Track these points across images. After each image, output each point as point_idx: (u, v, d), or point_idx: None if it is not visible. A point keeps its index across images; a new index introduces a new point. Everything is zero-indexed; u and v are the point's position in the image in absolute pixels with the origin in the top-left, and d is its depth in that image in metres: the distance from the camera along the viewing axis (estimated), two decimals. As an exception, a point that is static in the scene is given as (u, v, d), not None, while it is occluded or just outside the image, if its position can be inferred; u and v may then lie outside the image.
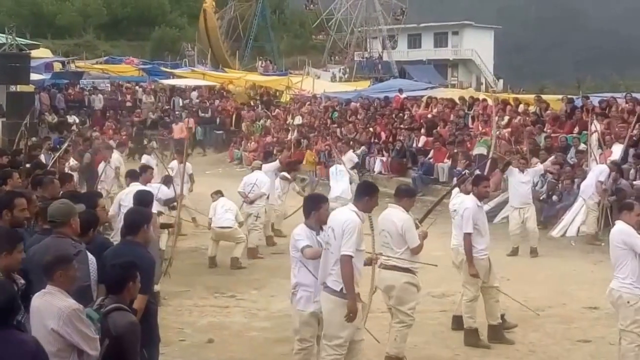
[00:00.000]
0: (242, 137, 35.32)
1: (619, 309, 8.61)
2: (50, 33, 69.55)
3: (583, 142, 20.27)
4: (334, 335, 7.83)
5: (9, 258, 6.06)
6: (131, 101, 41.41)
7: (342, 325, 7.77)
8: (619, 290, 8.51)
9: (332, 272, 7.80)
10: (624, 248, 8.45)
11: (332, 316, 7.82)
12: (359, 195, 8.14)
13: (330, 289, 7.83)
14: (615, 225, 8.81)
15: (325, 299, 7.90)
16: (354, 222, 7.75)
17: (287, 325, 11.28)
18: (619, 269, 8.54)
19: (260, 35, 76.62)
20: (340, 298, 7.74)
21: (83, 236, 7.25)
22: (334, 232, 7.79)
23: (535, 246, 16.38)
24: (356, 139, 28.04)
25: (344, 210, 8.03)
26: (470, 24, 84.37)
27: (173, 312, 11.86)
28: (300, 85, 41.62)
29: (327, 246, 7.89)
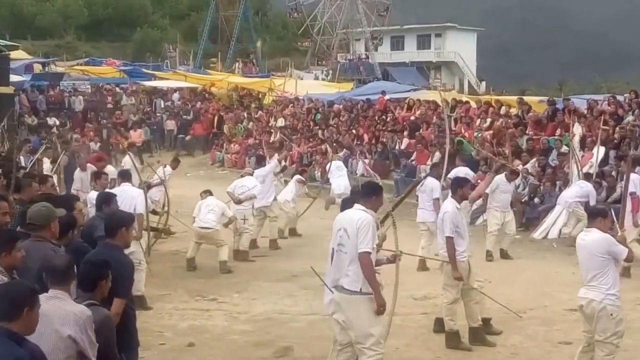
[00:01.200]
0: (225, 140, 35.22)
1: (598, 321, 8.33)
2: (30, 34, 69.10)
3: (565, 144, 20.30)
4: (367, 334, 7.77)
5: (9, 257, 6.11)
6: (112, 103, 41.15)
7: (371, 322, 7.76)
8: (602, 302, 8.27)
9: (348, 274, 7.78)
10: (606, 257, 8.28)
11: (358, 316, 7.78)
12: (366, 195, 8.14)
13: (348, 290, 7.79)
14: (589, 233, 8.53)
15: (346, 302, 7.83)
16: (368, 219, 7.80)
17: (269, 328, 11.25)
18: (599, 279, 8.29)
19: (243, 37, 76.48)
20: (362, 296, 7.74)
21: (61, 239, 7.20)
22: (347, 232, 7.79)
23: (506, 249, 16.23)
24: (339, 141, 28.05)
25: (353, 210, 8.01)
26: (454, 26, 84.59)
27: (153, 316, 11.77)
28: (282, 87, 41.58)
29: (339, 247, 7.88)
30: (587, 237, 8.52)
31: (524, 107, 24.60)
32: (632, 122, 20.25)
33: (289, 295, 13.01)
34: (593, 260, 8.34)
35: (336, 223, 8.08)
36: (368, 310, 7.78)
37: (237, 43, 74.36)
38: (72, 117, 38.49)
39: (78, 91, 42.06)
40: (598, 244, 8.33)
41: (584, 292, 8.46)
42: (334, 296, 8.04)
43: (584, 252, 8.48)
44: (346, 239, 7.80)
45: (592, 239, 8.41)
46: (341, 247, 7.85)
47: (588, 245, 8.42)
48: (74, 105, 39.97)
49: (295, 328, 11.21)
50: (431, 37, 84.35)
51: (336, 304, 7.98)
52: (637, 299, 12.95)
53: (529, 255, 16.64)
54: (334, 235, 8.04)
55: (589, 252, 8.38)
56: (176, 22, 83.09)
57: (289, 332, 11.08)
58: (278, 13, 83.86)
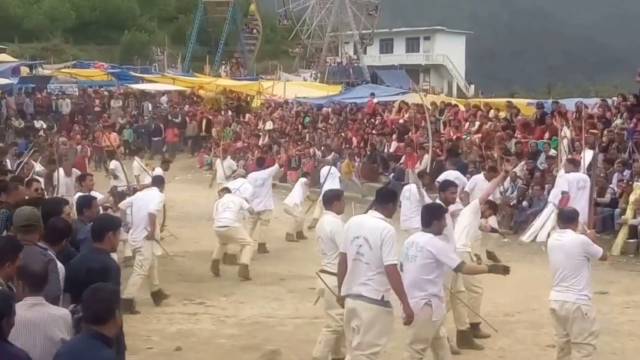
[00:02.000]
0: (213, 143, 35.13)
1: (574, 322, 8.28)
2: (17, 36, 68.74)
3: (553, 147, 20.32)
4: (372, 343, 7.73)
5: (12, 267, 5.99)
6: (100, 106, 41.05)
7: (381, 334, 7.73)
8: (576, 303, 8.22)
9: (368, 283, 7.69)
10: (582, 258, 8.26)
11: (372, 325, 7.71)
12: (383, 201, 8.05)
13: (367, 298, 7.70)
14: (565, 234, 8.46)
15: (362, 309, 7.74)
16: (392, 230, 7.74)
17: (256, 332, 11.21)
18: (572, 280, 8.25)
19: (231, 40, 76.35)
20: (382, 306, 7.69)
21: (55, 245, 7.10)
22: (368, 243, 7.68)
23: (492, 251, 16.16)
24: (328, 144, 28.02)
25: (372, 218, 7.91)
26: (442, 29, 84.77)
27: (141, 320, 11.71)
28: (271, 90, 41.52)
29: (358, 257, 7.75)
30: (562, 237, 8.46)
31: (513, 110, 24.60)
32: (620, 126, 20.30)
33: (276, 298, 12.98)
34: (572, 261, 8.28)
35: (351, 230, 7.94)
36: (383, 323, 7.75)
37: (225, 46, 74.20)
38: (59, 120, 38.36)
39: (65, 94, 41.94)
40: (575, 244, 8.29)
41: (555, 295, 8.41)
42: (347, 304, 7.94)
43: (560, 252, 8.39)
44: (367, 249, 7.69)
45: (569, 240, 8.36)
46: (360, 256, 7.73)
47: (565, 246, 8.35)
48: (61, 109, 39.88)
49: (282, 332, 11.19)
50: (420, 40, 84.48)
51: (350, 312, 7.89)
52: (626, 302, 12.99)
53: (517, 258, 16.60)
54: (348, 242, 7.89)
55: (567, 253, 8.32)
56: (164, 25, 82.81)
57: (276, 335, 11.06)
58: (266, 16, 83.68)
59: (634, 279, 14.98)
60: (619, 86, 48.18)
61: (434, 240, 8.12)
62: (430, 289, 8.03)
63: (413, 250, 8.13)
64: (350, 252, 7.85)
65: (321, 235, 9.20)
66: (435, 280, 8.08)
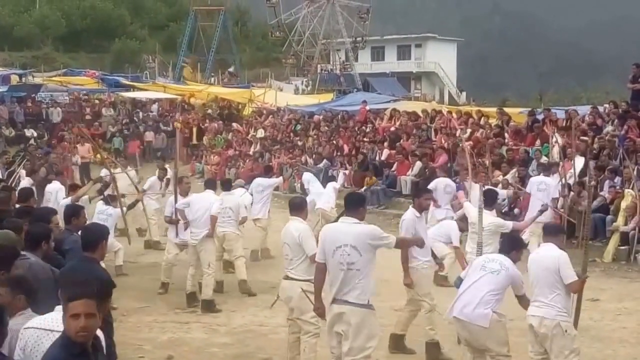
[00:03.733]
0: (204, 151, 35.10)
1: (553, 339, 8.09)
2: (7, 45, 68.62)
3: (545, 154, 20.35)
4: (363, 347, 7.77)
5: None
6: (91, 114, 40.93)
7: (370, 336, 7.80)
8: (555, 319, 8.06)
9: (356, 287, 7.74)
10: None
11: (361, 328, 7.76)
12: (353, 207, 8.06)
13: (354, 303, 7.74)
14: (547, 249, 8.40)
15: (351, 313, 7.76)
16: (374, 227, 7.98)
17: (249, 340, 11.19)
18: (550, 296, 8.10)
19: (222, 48, 76.37)
20: (368, 309, 7.78)
21: (35, 250, 7.08)
22: (356, 249, 7.70)
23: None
24: (319, 152, 28.02)
25: (349, 225, 7.92)
26: (434, 37, 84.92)
27: (132, 329, 11.67)
28: (262, 97, 41.51)
29: (348, 266, 7.73)
30: (542, 252, 8.43)
31: (504, 117, 24.65)
32: (611, 133, 20.35)
33: (267, 307, 12.90)
34: (551, 276, 8.15)
35: (330, 240, 7.92)
36: (370, 325, 7.83)
37: (216, 54, 74.22)
38: (49, 128, 38.24)
39: (56, 102, 41.83)
40: (555, 260, 8.18)
41: (534, 310, 8.27)
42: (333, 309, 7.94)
43: (538, 267, 8.28)
44: (356, 256, 7.69)
45: (549, 254, 8.28)
46: (350, 265, 7.71)
47: (543, 260, 8.27)
48: (52, 117, 39.74)
49: (274, 340, 11.15)
50: (411, 47, 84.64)
51: (336, 316, 7.89)
52: (617, 309, 13.00)
53: (509, 265, 16.60)
54: (329, 252, 7.86)
55: (545, 267, 8.20)
56: (155, 33, 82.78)
57: (268, 344, 11.04)
58: (257, 24, 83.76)
59: (625, 286, 15.00)
60: (611, 93, 48.33)
61: (515, 269, 8.43)
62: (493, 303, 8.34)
63: (497, 265, 8.42)
64: (334, 262, 7.82)
65: (287, 241, 9.25)
66: (499, 298, 8.41)
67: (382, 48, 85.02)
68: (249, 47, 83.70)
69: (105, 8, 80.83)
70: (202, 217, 13.42)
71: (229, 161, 32.45)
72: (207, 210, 13.45)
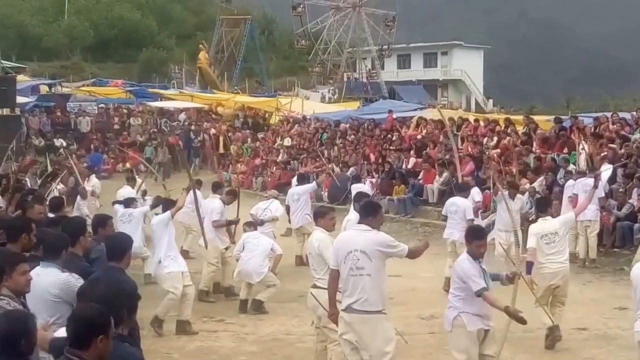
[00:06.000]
0: (231, 160, 35.23)
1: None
2: (36, 55, 69.23)
3: (572, 162, 20.24)
4: (383, 352, 7.80)
5: (10, 281, 6.03)
6: (119, 124, 41.25)
7: (386, 340, 7.83)
8: None
9: (367, 295, 7.77)
10: None
11: (374, 336, 7.79)
12: (364, 215, 8.16)
13: (364, 310, 7.78)
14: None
15: (360, 322, 7.81)
16: (385, 234, 7.99)
17: (276, 349, 11.22)
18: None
19: (249, 57, 76.66)
20: (378, 315, 7.80)
21: (56, 258, 7.25)
22: (366, 254, 7.76)
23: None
24: (346, 160, 28.05)
25: (361, 232, 7.99)
26: (460, 44, 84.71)
27: (161, 337, 11.74)
28: (289, 106, 41.61)
29: (357, 272, 7.79)
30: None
31: (531, 125, 24.54)
32: (638, 140, 20.21)
33: (295, 315, 12.97)
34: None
35: (342, 246, 8.01)
36: (384, 329, 7.86)
37: (243, 62, 74.53)
38: (79, 138, 38.57)
39: (85, 112, 42.18)
40: None
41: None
42: (343, 317, 7.99)
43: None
44: (366, 261, 7.75)
45: None
46: (360, 270, 7.78)
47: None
48: (80, 126, 40.07)
49: (302, 348, 11.19)
50: (437, 55, 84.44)
51: (346, 325, 7.93)
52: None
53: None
54: (341, 258, 7.94)
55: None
56: (182, 42, 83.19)
57: (295, 352, 11.08)
58: (284, 32, 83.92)
59: (654, 294, 14.88)
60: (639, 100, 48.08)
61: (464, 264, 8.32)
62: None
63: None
64: (345, 268, 7.88)
65: (311, 252, 9.39)
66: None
67: (409, 56, 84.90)
68: (275, 56, 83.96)
69: (133, 18, 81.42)
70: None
71: (255, 170, 32.57)
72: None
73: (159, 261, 11.99)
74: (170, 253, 12.03)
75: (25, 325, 5.01)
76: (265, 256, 13.76)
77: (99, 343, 4.68)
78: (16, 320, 5.04)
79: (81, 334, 4.71)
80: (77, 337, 4.72)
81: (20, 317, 5.15)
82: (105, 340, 4.72)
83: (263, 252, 13.75)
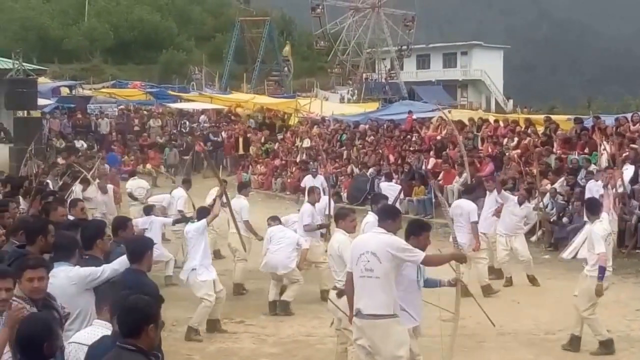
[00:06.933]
0: (251, 161, 35.23)
1: None
2: (57, 57, 69.71)
3: (593, 162, 20.10)
4: (395, 356, 7.77)
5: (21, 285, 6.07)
6: (139, 125, 41.39)
7: (398, 343, 7.77)
8: None
9: (376, 298, 7.73)
10: None
11: (386, 340, 7.74)
12: (383, 218, 8.12)
13: (373, 315, 7.74)
14: None
15: (370, 327, 7.78)
16: (398, 239, 7.84)
17: (296, 351, 11.21)
18: None
19: (268, 58, 76.78)
20: (390, 319, 7.72)
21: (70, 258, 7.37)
22: (376, 257, 7.70)
23: (531, 274, 15.53)
24: (365, 161, 27.99)
25: (375, 234, 7.96)
26: (479, 44, 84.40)
27: (181, 339, 11.76)
28: (308, 107, 41.59)
29: (367, 273, 7.76)
30: None
31: (552, 125, 24.39)
32: (660, 140, 20.07)
33: (315, 317, 12.95)
34: None
35: (356, 248, 7.99)
36: (396, 333, 7.78)
37: (262, 64, 74.65)
38: (99, 140, 38.76)
39: (105, 114, 42.37)
40: None
41: None
42: (355, 322, 7.97)
43: None
44: (376, 263, 7.70)
45: None
46: (369, 272, 7.74)
47: None
48: (100, 128, 40.25)
49: (322, 350, 11.17)
50: (457, 55, 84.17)
51: (358, 330, 7.92)
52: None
53: (558, 275, 16.46)
54: (354, 260, 7.92)
55: None
56: (201, 44, 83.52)
57: (316, 354, 11.07)
58: (302, 33, 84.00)
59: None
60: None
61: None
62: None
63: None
64: (358, 270, 7.87)
65: (331, 253, 9.40)
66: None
67: (428, 56, 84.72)
68: (294, 57, 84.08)
69: (152, 20, 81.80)
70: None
71: (275, 171, 32.58)
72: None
73: (192, 269, 11.99)
74: (205, 261, 12.05)
75: (48, 328, 5.06)
76: (293, 249, 13.74)
77: (149, 332, 4.94)
78: (39, 323, 5.09)
79: (132, 323, 4.95)
80: (128, 327, 4.95)
81: (43, 320, 5.19)
82: (155, 330, 4.98)
83: (290, 244, 13.73)
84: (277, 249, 13.66)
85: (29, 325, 5.09)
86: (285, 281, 13.76)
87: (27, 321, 5.23)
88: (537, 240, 18.94)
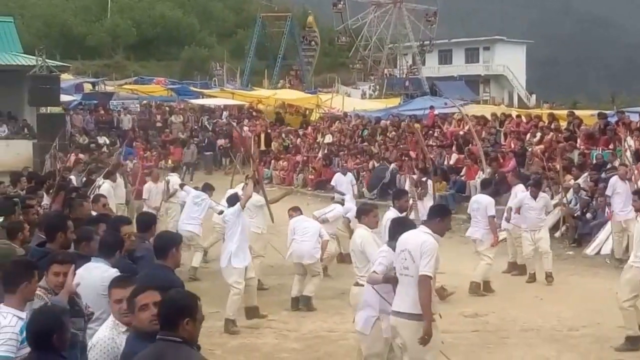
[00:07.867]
0: (273, 156, 35.25)
1: None
2: (80, 54, 70.10)
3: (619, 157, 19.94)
4: (420, 358, 7.75)
5: (27, 289, 6.06)
6: (161, 121, 41.53)
7: (428, 347, 7.68)
8: None
9: (410, 297, 7.71)
10: None
11: (414, 340, 7.66)
12: (430, 216, 8.08)
13: (407, 314, 7.72)
14: None
15: (403, 326, 7.78)
16: (433, 243, 7.72)
17: (318, 346, 11.21)
18: None
19: (289, 54, 76.80)
20: (420, 321, 7.66)
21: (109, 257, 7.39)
22: (411, 255, 7.71)
23: (549, 270, 15.27)
24: (386, 157, 27.94)
25: (418, 232, 7.95)
26: (502, 39, 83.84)
27: (203, 334, 11.58)
28: (330, 103, 41.57)
29: (403, 271, 7.79)
30: None
31: (575, 120, 24.25)
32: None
33: (337, 312, 12.93)
34: None
35: (399, 245, 7.98)
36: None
37: (283, 60, 74.69)
38: (121, 135, 38.92)
39: (127, 110, 42.56)
40: None
41: None
42: (390, 321, 7.96)
43: None
44: (410, 262, 7.71)
45: None
46: (405, 270, 7.77)
47: None
48: (123, 124, 40.42)
49: (344, 346, 11.16)
50: (479, 50, 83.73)
51: (394, 329, 7.93)
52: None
53: (581, 271, 16.39)
54: (396, 257, 7.96)
55: None
56: (223, 40, 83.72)
57: (337, 350, 11.06)
58: (324, 29, 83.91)
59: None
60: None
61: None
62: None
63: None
64: (397, 268, 7.90)
65: (354, 249, 9.38)
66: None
67: (450, 51, 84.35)
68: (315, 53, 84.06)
69: (174, 16, 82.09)
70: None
71: (296, 166, 32.58)
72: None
73: (229, 254, 12.14)
74: (243, 244, 12.25)
75: (58, 320, 5.09)
76: (317, 239, 13.79)
77: (186, 325, 4.98)
78: (49, 316, 5.13)
79: (170, 316, 5.01)
80: (167, 320, 5.01)
81: (53, 312, 5.23)
82: (192, 323, 5.02)
83: (314, 234, 13.81)
84: (302, 239, 13.72)
85: (38, 317, 5.14)
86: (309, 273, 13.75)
87: (37, 313, 5.29)
88: (560, 236, 18.81)
